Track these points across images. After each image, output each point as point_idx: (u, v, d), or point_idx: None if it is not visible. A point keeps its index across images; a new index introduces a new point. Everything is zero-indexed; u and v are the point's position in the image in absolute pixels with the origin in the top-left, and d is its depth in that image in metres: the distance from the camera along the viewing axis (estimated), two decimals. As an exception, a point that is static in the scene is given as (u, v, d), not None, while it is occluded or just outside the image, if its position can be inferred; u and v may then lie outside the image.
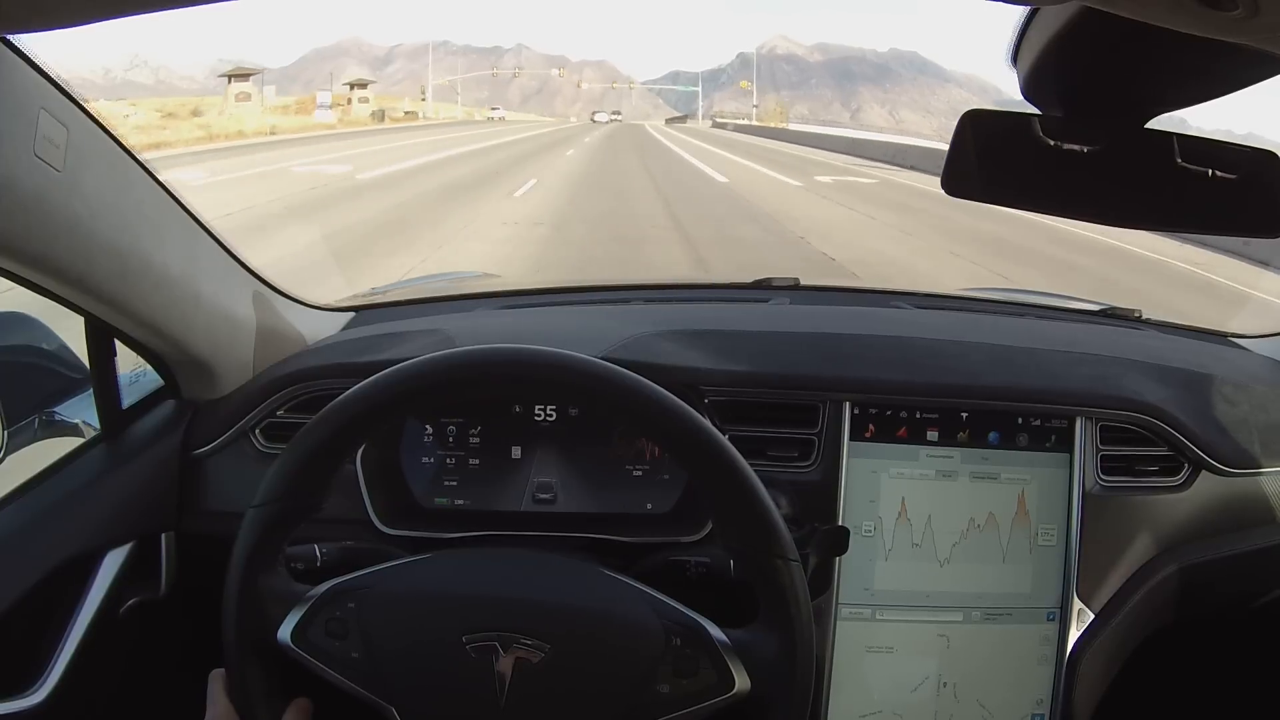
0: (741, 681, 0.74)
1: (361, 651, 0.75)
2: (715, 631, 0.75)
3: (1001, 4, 0.47)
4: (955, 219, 10.32)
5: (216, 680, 0.78)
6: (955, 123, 0.79)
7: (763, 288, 1.50)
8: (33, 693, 0.95)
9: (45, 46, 0.71)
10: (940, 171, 0.80)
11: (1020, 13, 0.74)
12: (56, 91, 0.76)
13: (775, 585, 0.75)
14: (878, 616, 1.08)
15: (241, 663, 0.76)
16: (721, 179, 16.84)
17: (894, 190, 15.30)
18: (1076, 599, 1.08)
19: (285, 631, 0.76)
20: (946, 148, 0.79)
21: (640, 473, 1.10)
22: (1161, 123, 0.78)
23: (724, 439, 0.76)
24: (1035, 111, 0.78)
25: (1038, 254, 8.99)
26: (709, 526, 1.03)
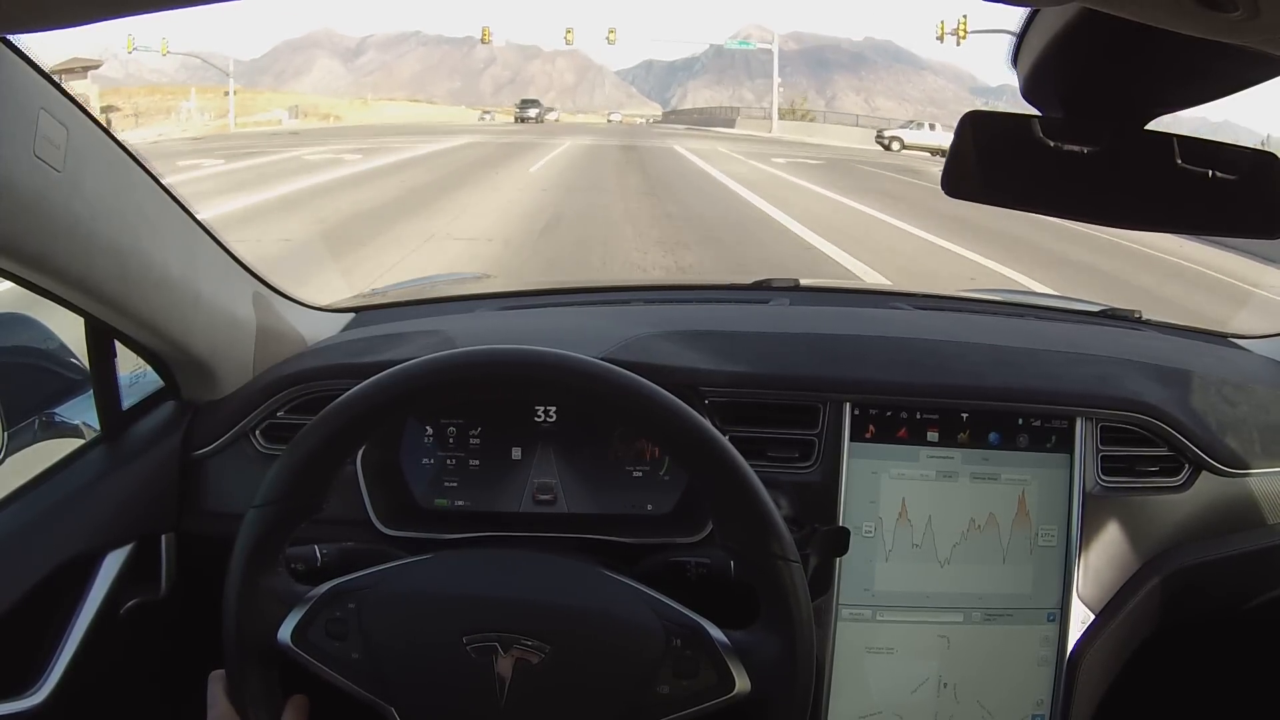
0: (742, 682, 0.74)
1: (362, 652, 0.75)
2: (715, 632, 0.75)
3: (995, 4, 0.47)
4: None
5: (216, 682, 0.78)
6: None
7: (763, 289, 1.50)
8: (33, 693, 0.95)
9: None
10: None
11: (1020, 14, 0.74)
12: (56, 91, 0.75)
13: (776, 586, 0.75)
14: (878, 617, 1.08)
15: (241, 663, 0.76)
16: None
17: None
18: (1077, 599, 1.08)
19: (285, 632, 0.76)
20: None
21: (640, 474, 1.10)
22: (1161, 124, 0.78)
23: (724, 440, 0.76)
24: (1035, 112, 0.78)
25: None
26: (709, 527, 1.03)
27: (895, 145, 30.16)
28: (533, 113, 50.19)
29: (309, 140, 24.69)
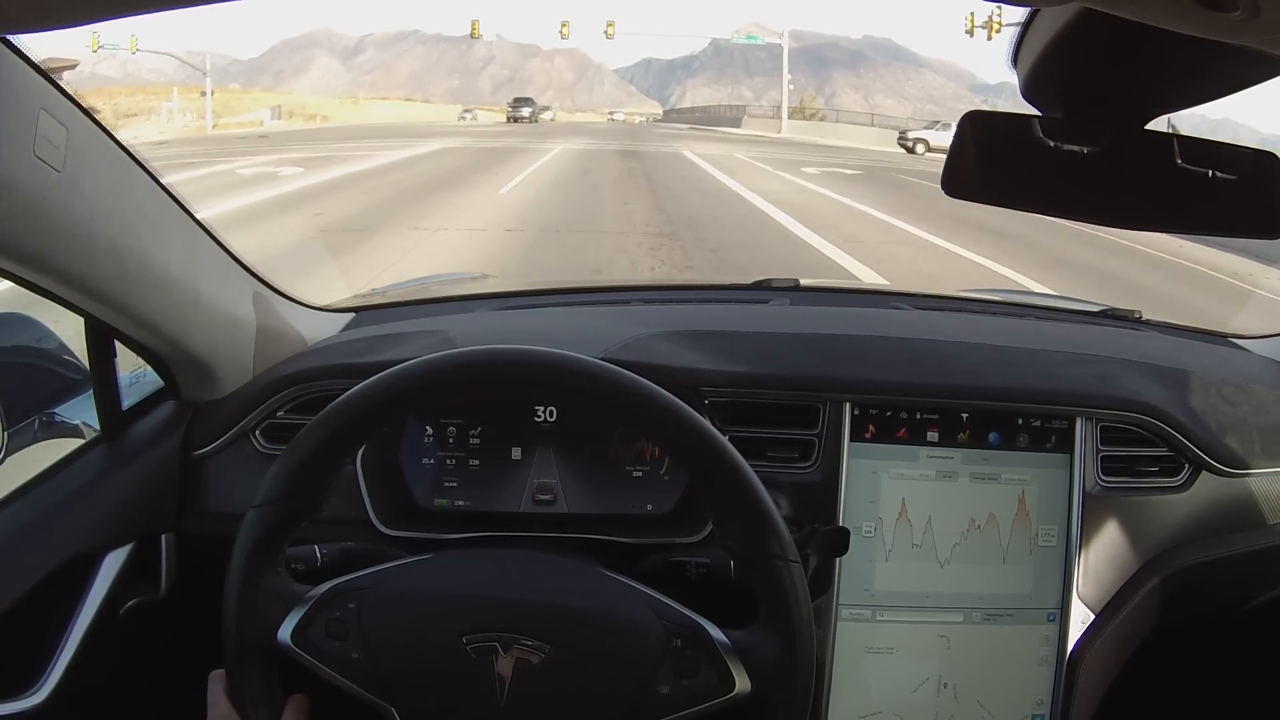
0: (742, 682, 0.74)
1: (362, 652, 0.75)
2: (715, 632, 0.75)
3: (996, 3, 0.47)
4: None
5: (216, 682, 0.78)
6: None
7: (762, 289, 1.50)
8: (33, 693, 0.95)
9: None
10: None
11: (1021, 14, 0.74)
12: (56, 92, 0.75)
13: (775, 586, 0.75)
14: (878, 617, 1.08)
15: (241, 663, 0.76)
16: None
17: None
18: (1077, 599, 1.08)
19: (285, 632, 0.76)
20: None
21: (640, 473, 1.10)
22: (1162, 123, 0.78)
23: (724, 439, 0.76)
24: (1035, 112, 0.78)
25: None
26: (709, 527, 1.03)
27: (920, 148, 26.65)
28: (526, 112, 46.99)
29: (277, 144, 22.15)
